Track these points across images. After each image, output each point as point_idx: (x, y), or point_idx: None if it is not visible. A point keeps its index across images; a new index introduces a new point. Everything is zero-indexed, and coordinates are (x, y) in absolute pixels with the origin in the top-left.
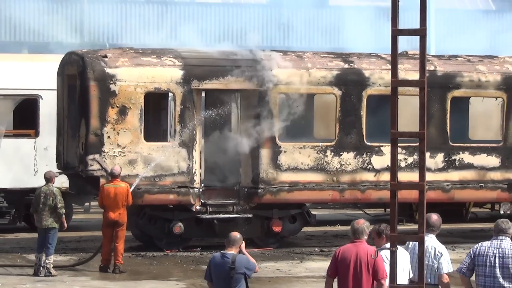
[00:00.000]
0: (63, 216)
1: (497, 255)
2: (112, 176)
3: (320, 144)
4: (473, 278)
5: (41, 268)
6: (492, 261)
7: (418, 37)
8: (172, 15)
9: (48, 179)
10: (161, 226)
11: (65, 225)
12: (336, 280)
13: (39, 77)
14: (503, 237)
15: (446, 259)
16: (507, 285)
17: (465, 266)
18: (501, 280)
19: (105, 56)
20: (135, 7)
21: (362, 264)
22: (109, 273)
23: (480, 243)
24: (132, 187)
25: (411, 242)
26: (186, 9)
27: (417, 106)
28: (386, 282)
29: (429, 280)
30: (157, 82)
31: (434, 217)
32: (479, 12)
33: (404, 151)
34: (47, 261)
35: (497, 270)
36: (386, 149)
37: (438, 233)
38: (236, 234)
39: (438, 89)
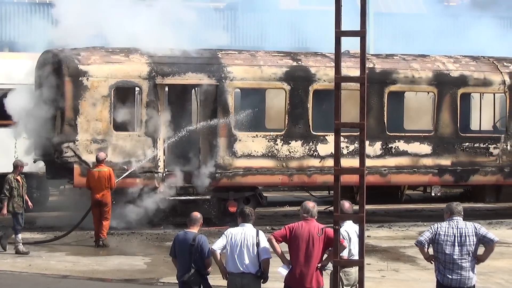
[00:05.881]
0: None
1: (456, 235)
2: (97, 161)
3: (271, 133)
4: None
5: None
6: (452, 240)
7: (359, 37)
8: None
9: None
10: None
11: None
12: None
13: (19, 72)
14: (458, 218)
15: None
16: (464, 261)
17: (425, 239)
18: (459, 257)
19: (79, 54)
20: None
21: (314, 239)
22: (82, 249)
23: (439, 223)
24: (120, 178)
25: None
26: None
27: (358, 100)
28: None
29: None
30: (125, 77)
31: (346, 205)
32: (413, 16)
33: (346, 140)
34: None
35: (456, 249)
36: (330, 138)
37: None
38: (196, 214)
39: (377, 85)
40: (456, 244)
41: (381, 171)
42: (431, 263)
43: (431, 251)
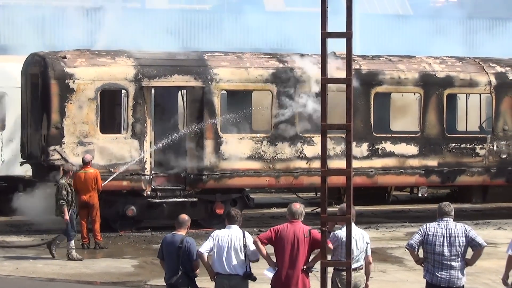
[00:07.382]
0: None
1: (445, 235)
2: (83, 163)
3: (258, 135)
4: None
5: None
6: (441, 241)
7: (345, 39)
8: (124, 19)
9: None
10: (116, 209)
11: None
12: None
13: (5, 75)
14: (448, 219)
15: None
16: (453, 263)
17: (415, 242)
18: (448, 257)
19: (65, 57)
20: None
21: (300, 241)
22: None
23: (428, 224)
24: (107, 181)
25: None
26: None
27: (344, 101)
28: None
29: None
30: (111, 80)
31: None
32: (399, 17)
33: (333, 141)
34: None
35: (445, 249)
36: (317, 139)
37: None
38: (184, 217)
39: (363, 86)
40: (446, 244)
41: (368, 172)
42: (422, 266)
43: (421, 254)
